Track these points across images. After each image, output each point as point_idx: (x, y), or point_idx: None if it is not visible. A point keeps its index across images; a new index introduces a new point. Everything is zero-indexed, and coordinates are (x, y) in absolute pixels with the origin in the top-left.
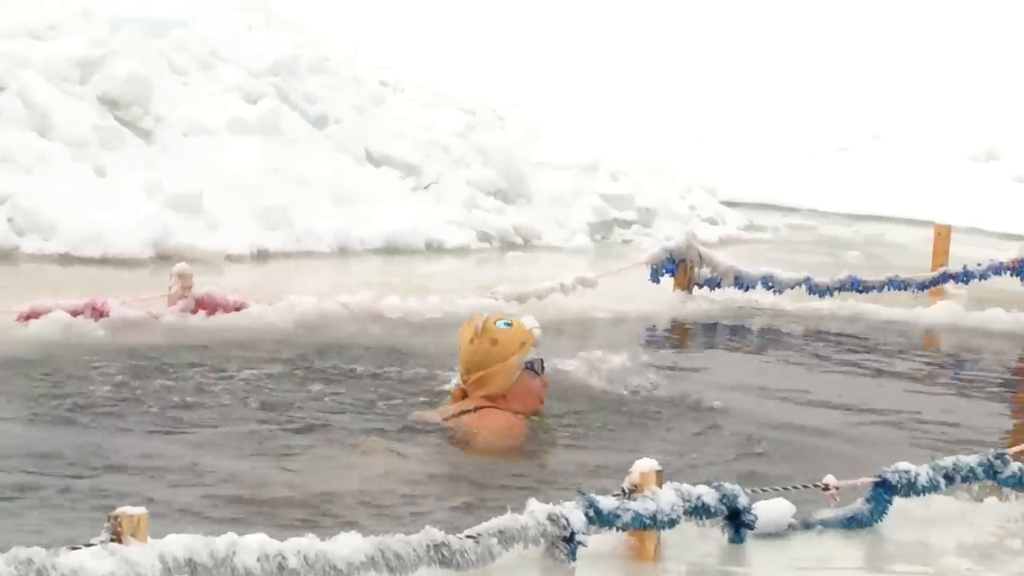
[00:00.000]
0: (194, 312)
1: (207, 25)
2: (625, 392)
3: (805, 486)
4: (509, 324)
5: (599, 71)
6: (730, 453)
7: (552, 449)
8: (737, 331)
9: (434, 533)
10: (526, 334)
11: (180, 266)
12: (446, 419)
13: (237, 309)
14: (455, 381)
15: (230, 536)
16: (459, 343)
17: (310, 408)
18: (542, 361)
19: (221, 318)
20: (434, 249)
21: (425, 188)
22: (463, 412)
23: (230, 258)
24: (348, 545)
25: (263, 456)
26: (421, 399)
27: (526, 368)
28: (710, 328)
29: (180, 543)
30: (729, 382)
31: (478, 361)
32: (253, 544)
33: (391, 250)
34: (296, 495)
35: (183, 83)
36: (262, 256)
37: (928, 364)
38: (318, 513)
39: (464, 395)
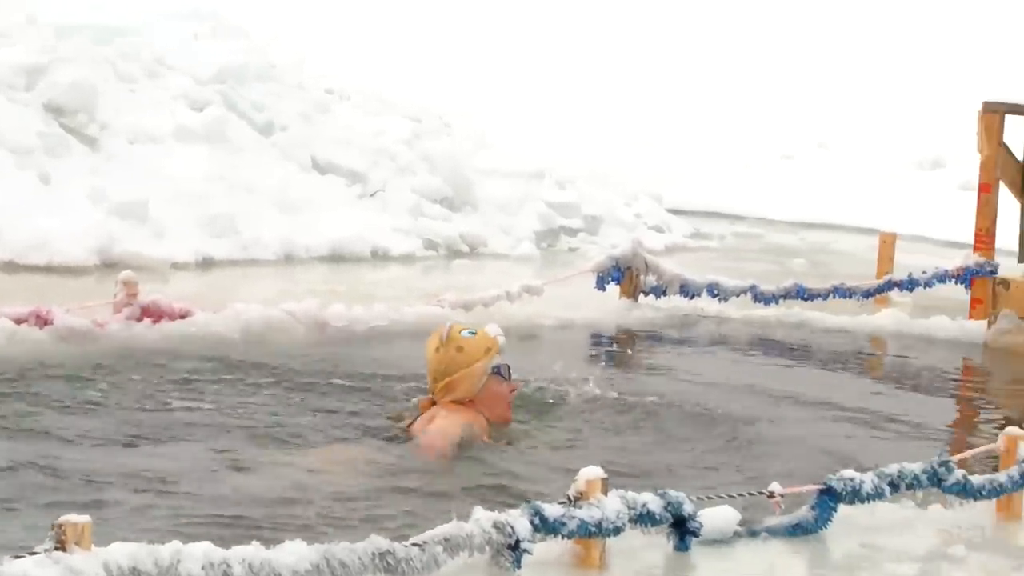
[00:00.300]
0: (139, 320)
1: (153, 33)
2: (576, 398)
3: (751, 493)
4: (474, 332)
5: (545, 79)
6: (678, 459)
7: (517, 454)
8: (683, 339)
9: (379, 541)
10: (491, 341)
11: (125, 274)
12: (418, 425)
13: (183, 317)
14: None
15: (175, 544)
16: (425, 353)
17: (264, 416)
18: (508, 367)
19: (167, 326)
20: (380, 257)
21: (371, 196)
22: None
23: (176, 266)
24: (293, 553)
25: (214, 463)
26: (378, 405)
27: (493, 373)
28: (655, 335)
29: (124, 551)
30: (676, 388)
31: (444, 368)
32: (198, 552)
33: (337, 258)
34: (247, 502)
35: (129, 90)
36: (208, 264)
37: (872, 372)
38: (269, 521)
39: (433, 404)
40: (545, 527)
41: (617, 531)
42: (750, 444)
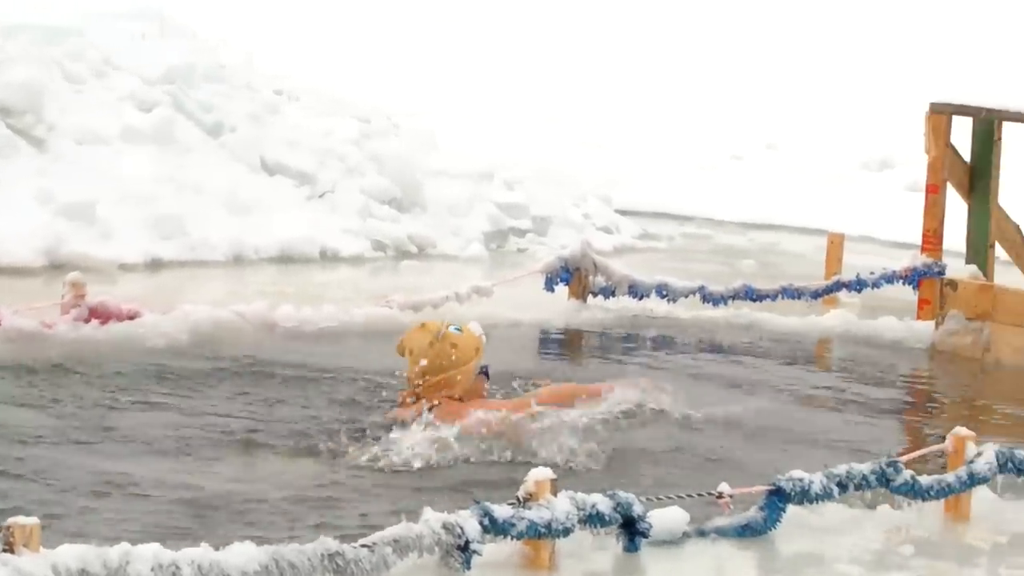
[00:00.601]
0: (87, 321)
1: (101, 33)
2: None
3: (700, 494)
4: (459, 329)
5: (494, 80)
6: (631, 460)
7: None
8: (631, 339)
9: (328, 542)
10: (478, 340)
11: (73, 275)
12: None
13: (131, 318)
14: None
15: (123, 546)
16: (412, 347)
17: (214, 416)
18: (488, 367)
19: (115, 327)
20: (329, 258)
21: (320, 197)
22: (432, 407)
23: (124, 267)
24: (242, 554)
25: (164, 464)
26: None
27: (480, 372)
28: (604, 336)
29: (73, 553)
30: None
31: (440, 365)
32: (147, 554)
33: (286, 259)
34: (199, 503)
35: (76, 91)
36: (156, 265)
37: (821, 372)
38: (221, 521)
39: (415, 397)
40: (494, 528)
41: (567, 532)
42: (700, 446)
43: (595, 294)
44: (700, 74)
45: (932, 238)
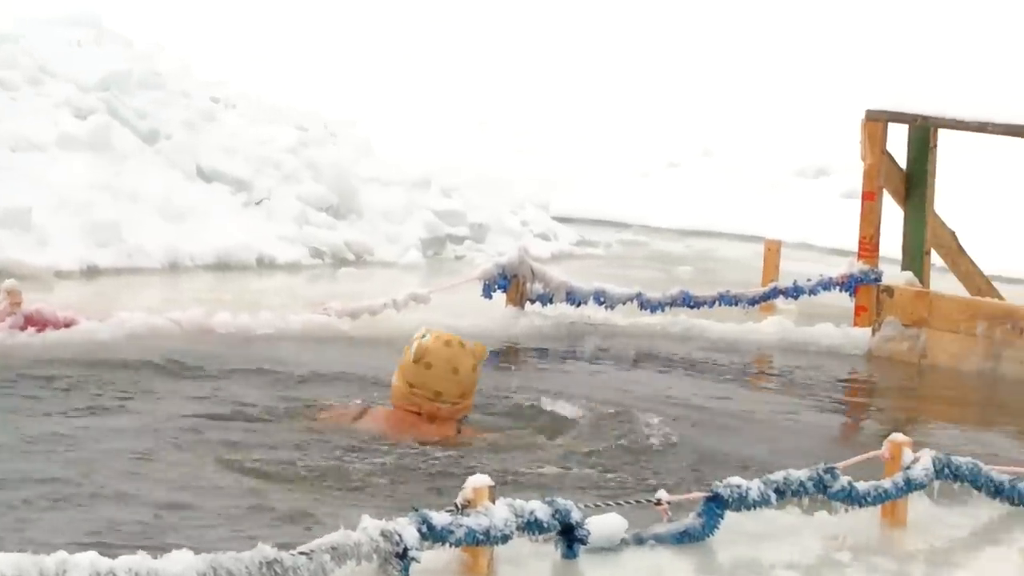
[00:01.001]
0: (23, 329)
1: (36, 40)
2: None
3: (638, 501)
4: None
5: (430, 87)
6: (565, 466)
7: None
8: (571, 346)
9: (266, 550)
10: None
11: (9, 283)
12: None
13: (67, 326)
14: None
15: (60, 554)
16: (460, 370)
17: (153, 421)
18: None
19: (51, 335)
20: (266, 265)
21: (256, 204)
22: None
23: (60, 274)
24: (179, 562)
25: (102, 471)
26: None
27: None
28: (542, 344)
29: (8, 561)
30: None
31: (472, 388)
32: (84, 562)
33: (222, 266)
34: (139, 510)
35: (11, 98)
36: (92, 272)
37: (758, 379)
38: (160, 528)
39: (432, 418)
40: (432, 535)
41: (505, 539)
42: (639, 451)
43: (533, 301)
44: (636, 81)
45: (868, 245)
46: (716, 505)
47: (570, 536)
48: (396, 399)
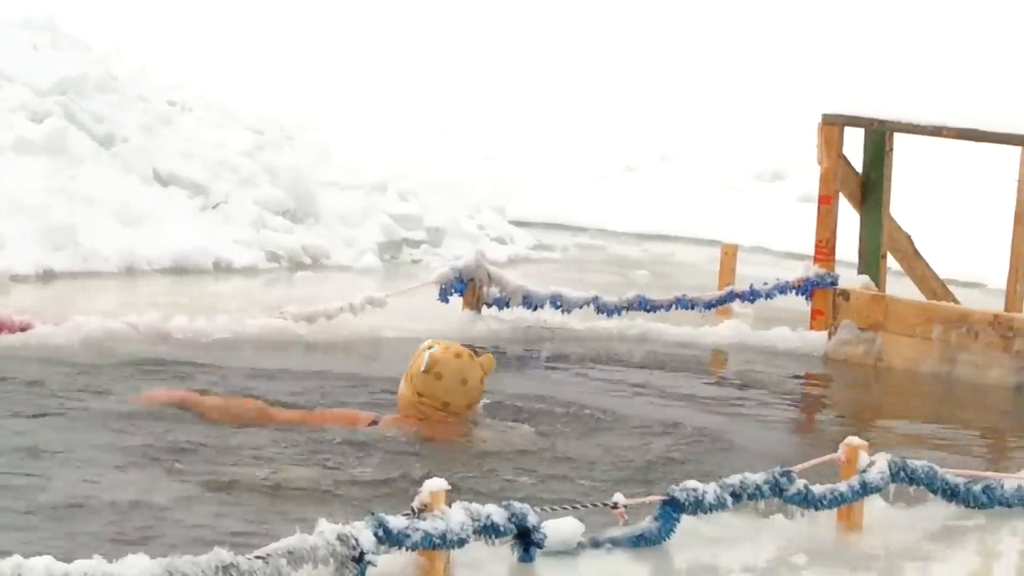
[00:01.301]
0: None
1: None
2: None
3: (595, 504)
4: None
5: (386, 92)
6: (522, 469)
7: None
8: (527, 350)
9: (222, 554)
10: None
11: None
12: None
13: (23, 330)
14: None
15: (15, 559)
16: (469, 380)
17: (110, 424)
18: None
19: (7, 339)
20: (222, 269)
21: (213, 208)
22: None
23: (15, 278)
24: (135, 566)
25: (60, 475)
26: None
27: None
28: (499, 347)
29: None
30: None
31: (474, 401)
32: (39, 566)
33: (179, 270)
34: (96, 514)
35: None
36: (48, 276)
37: (714, 382)
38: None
39: (420, 417)
40: (389, 539)
41: (461, 543)
42: (595, 454)
43: (489, 305)
44: (593, 86)
45: (825, 249)
46: (672, 509)
47: (526, 540)
48: (403, 408)
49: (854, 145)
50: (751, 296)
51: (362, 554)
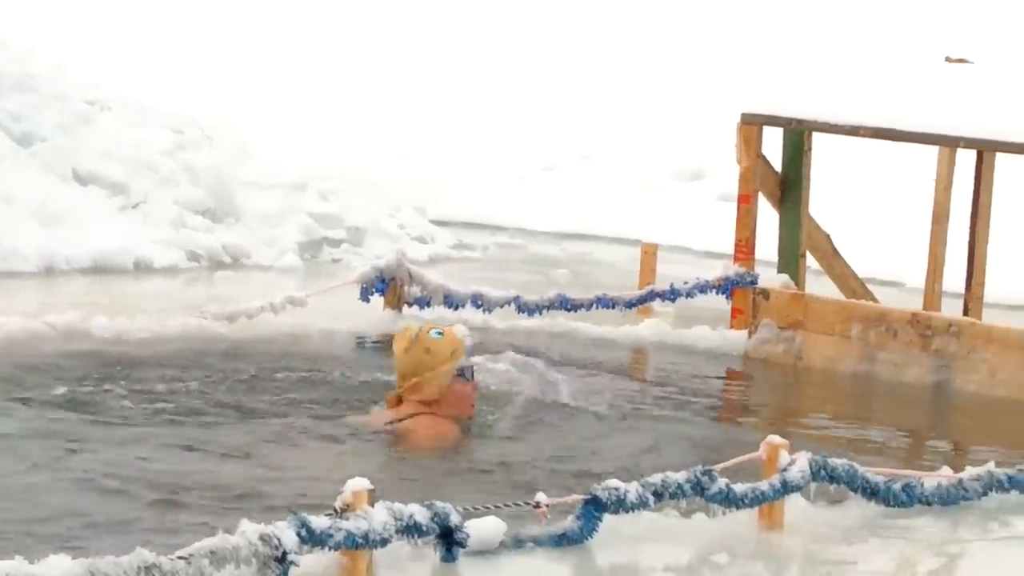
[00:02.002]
0: None
1: None
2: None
3: (517, 504)
4: (441, 334)
5: (307, 90)
6: (448, 469)
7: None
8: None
9: (145, 554)
10: (456, 343)
11: None
12: (388, 423)
13: None
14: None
15: None
16: (395, 353)
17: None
18: (472, 368)
19: None
20: (143, 268)
21: (133, 207)
22: (400, 418)
23: None
24: (57, 567)
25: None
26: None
27: (457, 375)
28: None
29: None
30: None
31: (413, 369)
32: None
33: (99, 270)
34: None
35: None
36: None
37: (636, 381)
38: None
39: (399, 401)
40: (312, 539)
41: (384, 542)
42: (517, 453)
43: (410, 304)
44: (513, 84)
45: (744, 248)
46: (594, 508)
47: (449, 539)
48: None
49: (773, 144)
50: (671, 295)
51: (284, 554)
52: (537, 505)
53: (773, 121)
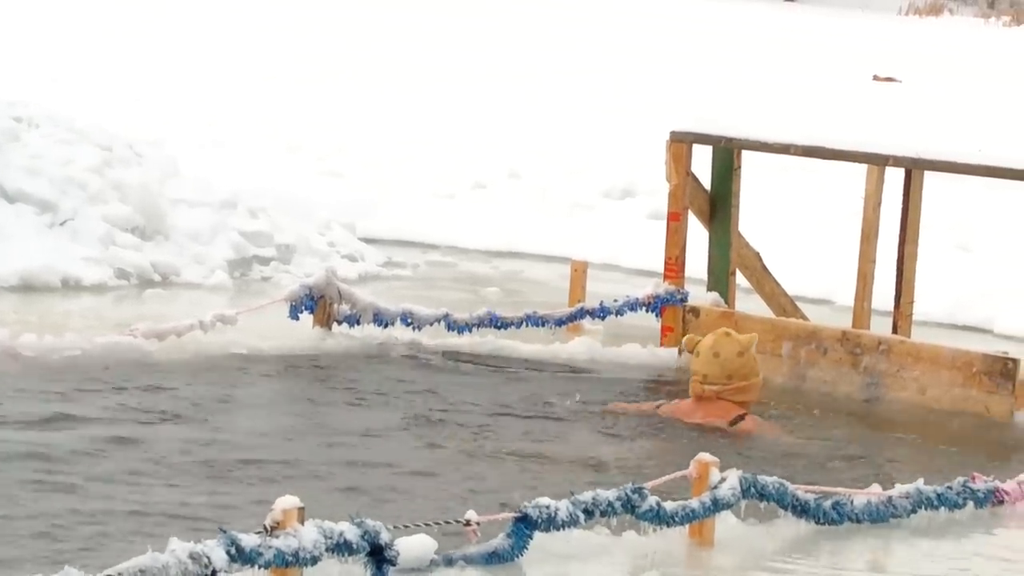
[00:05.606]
0: None
1: None
2: None
3: (447, 522)
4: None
5: (236, 108)
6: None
7: None
8: (377, 368)
9: (72, 572)
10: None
11: None
12: (732, 424)
13: None
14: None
15: None
16: (716, 353)
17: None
18: None
19: None
20: (71, 287)
21: (61, 225)
22: (739, 417)
23: None
24: None
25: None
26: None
27: None
28: (349, 365)
29: None
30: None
31: (742, 373)
32: None
33: (27, 288)
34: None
35: None
36: None
37: (565, 398)
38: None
39: (700, 398)
40: (241, 557)
41: (314, 560)
42: (448, 471)
43: (340, 322)
44: (441, 102)
45: (674, 265)
46: (525, 525)
47: (379, 558)
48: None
49: (703, 162)
50: (601, 313)
51: (214, 572)
52: (468, 523)
53: (703, 139)
